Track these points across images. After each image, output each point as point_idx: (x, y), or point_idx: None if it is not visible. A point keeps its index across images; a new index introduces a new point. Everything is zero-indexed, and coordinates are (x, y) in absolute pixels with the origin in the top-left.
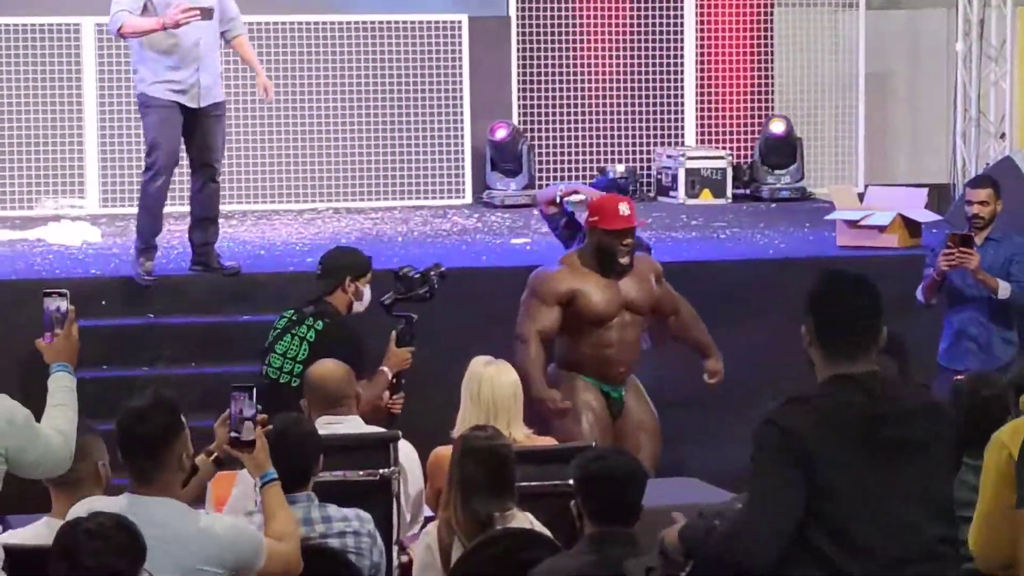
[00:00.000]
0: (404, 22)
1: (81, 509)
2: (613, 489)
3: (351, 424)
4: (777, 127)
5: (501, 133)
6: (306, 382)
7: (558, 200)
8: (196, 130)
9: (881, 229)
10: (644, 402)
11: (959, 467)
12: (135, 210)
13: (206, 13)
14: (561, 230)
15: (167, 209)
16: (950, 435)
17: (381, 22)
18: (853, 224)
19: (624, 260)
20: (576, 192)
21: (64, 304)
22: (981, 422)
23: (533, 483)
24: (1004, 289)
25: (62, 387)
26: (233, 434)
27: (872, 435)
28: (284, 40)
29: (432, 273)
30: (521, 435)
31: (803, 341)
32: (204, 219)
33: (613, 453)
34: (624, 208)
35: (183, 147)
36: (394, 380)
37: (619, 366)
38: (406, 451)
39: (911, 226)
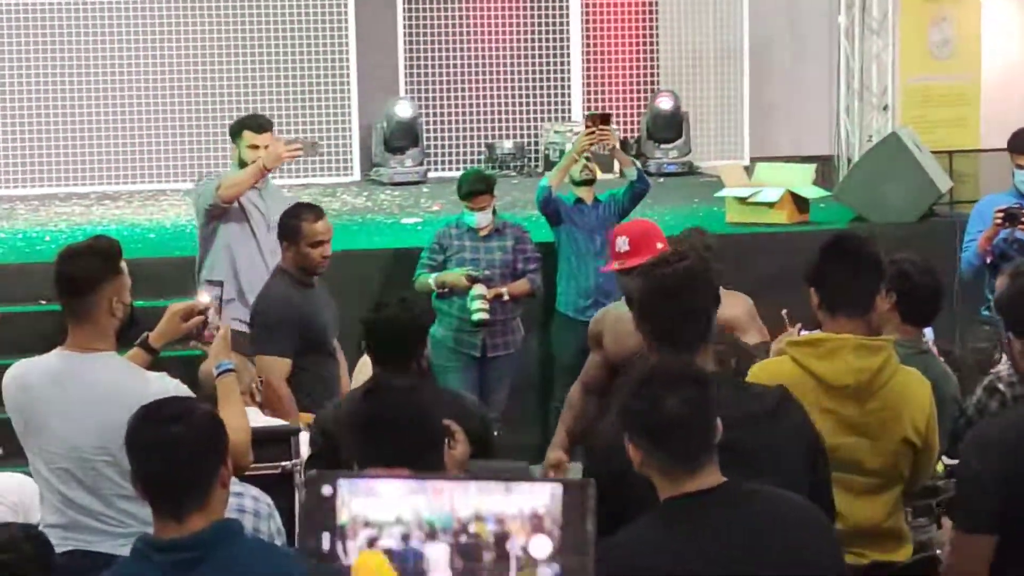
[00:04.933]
0: None
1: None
2: None
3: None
4: (664, 102)
5: (405, 109)
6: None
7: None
8: None
9: (770, 205)
10: None
11: (817, 468)
12: None
13: (311, 147)
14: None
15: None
16: (789, 441)
17: None
18: (743, 201)
19: None
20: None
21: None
22: None
23: None
24: None
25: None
26: (205, 329)
27: None
28: (172, 12)
29: None
30: None
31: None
32: None
33: None
34: (621, 244)
35: None
36: None
37: None
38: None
39: (799, 202)
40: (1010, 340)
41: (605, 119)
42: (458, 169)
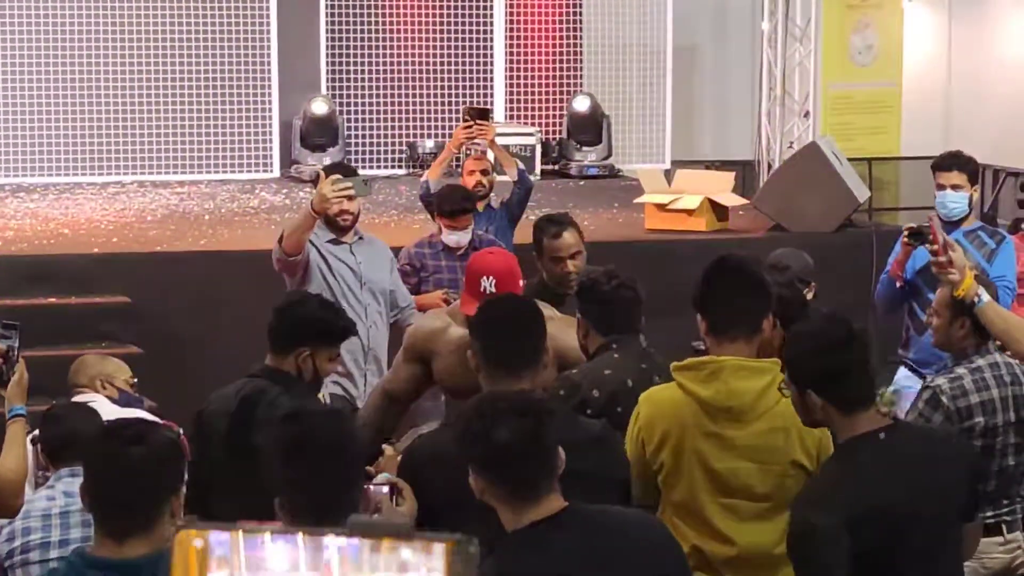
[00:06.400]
0: None
1: None
2: None
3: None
4: (581, 104)
5: (321, 107)
6: None
7: None
8: None
9: (689, 212)
10: None
11: (628, 498)
12: None
13: (362, 186)
14: None
15: None
16: (615, 467)
17: None
18: (662, 207)
19: None
20: None
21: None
22: None
23: None
24: None
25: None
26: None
27: None
28: (88, 6)
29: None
30: None
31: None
32: None
33: None
34: (487, 284)
35: None
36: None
37: None
38: None
39: (718, 210)
40: (809, 395)
41: (483, 114)
42: (379, 167)
